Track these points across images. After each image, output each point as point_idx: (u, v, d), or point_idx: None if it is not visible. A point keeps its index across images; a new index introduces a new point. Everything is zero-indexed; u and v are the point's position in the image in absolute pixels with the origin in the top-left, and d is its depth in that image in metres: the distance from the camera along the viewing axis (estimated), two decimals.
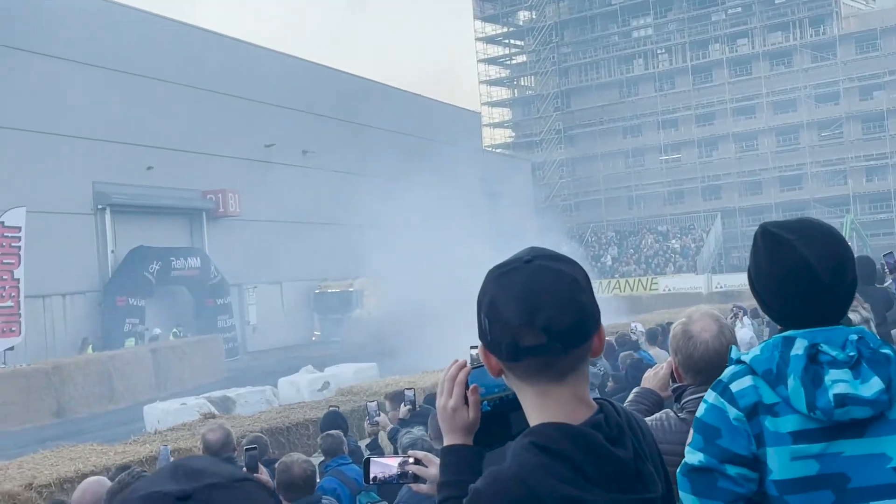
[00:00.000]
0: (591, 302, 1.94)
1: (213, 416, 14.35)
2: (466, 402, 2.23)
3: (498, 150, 79.06)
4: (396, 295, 45.41)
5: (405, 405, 9.32)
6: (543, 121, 77.39)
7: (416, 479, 2.65)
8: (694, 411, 2.57)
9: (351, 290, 46.74)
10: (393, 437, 8.36)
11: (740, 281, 42.81)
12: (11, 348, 29.24)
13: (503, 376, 2.03)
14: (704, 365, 3.39)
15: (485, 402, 2.25)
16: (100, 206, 37.93)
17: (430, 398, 8.38)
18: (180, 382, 30.47)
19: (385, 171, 51.33)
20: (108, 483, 4.87)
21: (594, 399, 2.00)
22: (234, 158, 43.85)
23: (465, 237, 46.64)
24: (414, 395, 9.59)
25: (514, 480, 1.85)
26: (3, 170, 31.66)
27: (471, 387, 2.24)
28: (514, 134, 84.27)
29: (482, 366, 2.14)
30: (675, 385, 3.52)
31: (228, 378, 30.70)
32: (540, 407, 1.95)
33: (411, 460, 2.70)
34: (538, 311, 1.87)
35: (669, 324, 20.50)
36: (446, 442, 2.24)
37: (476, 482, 1.91)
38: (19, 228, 29.69)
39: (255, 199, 44.51)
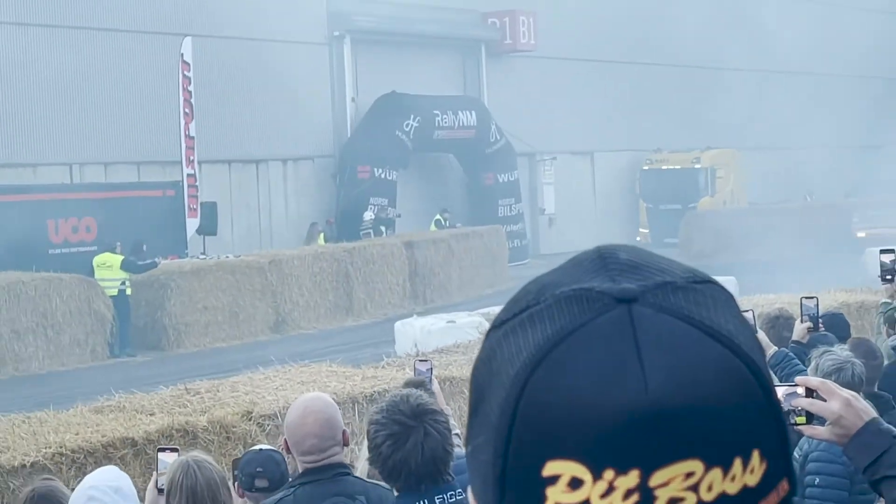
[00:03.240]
0: None
1: None
2: None
3: None
4: (766, 177, 44.89)
5: (803, 320, 9.37)
6: None
7: (810, 417, 2.72)
8: None
9: (697, 166, 46.51)
10: (782, 363, 8.22)
11: None
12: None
13: None
14: None
15: None
16: (336, 33, 39.58)
17: None
18: (445, 292, 31.77)
19: None
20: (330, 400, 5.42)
21: None
22: None
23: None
24: (816, 306, 9.56)
25: None
26: None
27: None
28: None
29: None
30: None
31: (513, 289, 31.46)
32: None
33: (800, 390, 2.75)
34: None
35: None
36: None
37: None
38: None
39: (558, 27, 44.86)
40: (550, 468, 0.92)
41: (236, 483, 6.08)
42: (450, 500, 4.25)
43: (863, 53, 50.52)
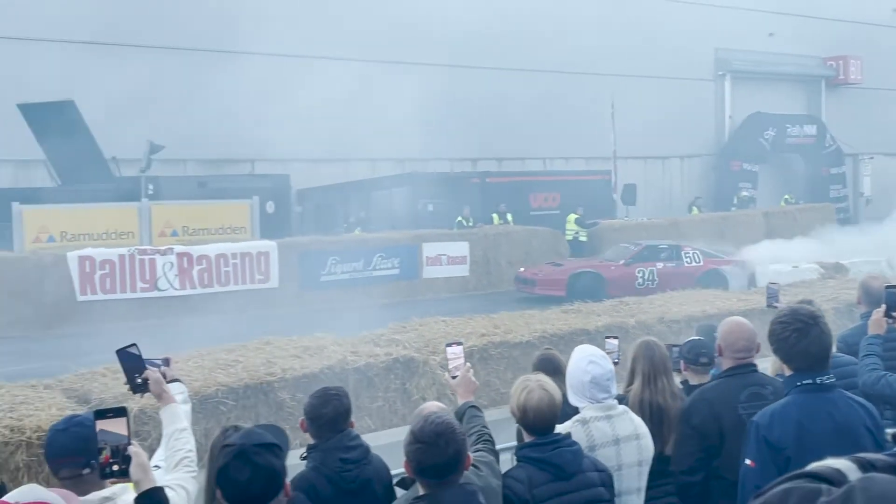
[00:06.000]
0: None
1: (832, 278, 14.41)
2: None
3: None
4: None
5: None
6: None
7: None
8: None
9: None
10: None
11: None
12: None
13: None
14: None
15: None
16: (720, 73, 38.69)
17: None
18: None
19: None
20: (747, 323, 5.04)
21: None
22: (857, 23, 41.24)
23: None
24: None
25: None
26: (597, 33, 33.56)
27: None
28: None
29: None
30: None
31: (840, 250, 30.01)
32: None
33: None
34: None
35: None
36: None
37: None
38: None
39: (880, 67, 41.86)
40: None
41: (682, 361, 5.85)
42: (825, 380, 3.97)
43: None
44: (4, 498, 3.12)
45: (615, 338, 6.20)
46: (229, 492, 2.98)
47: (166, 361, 4.20)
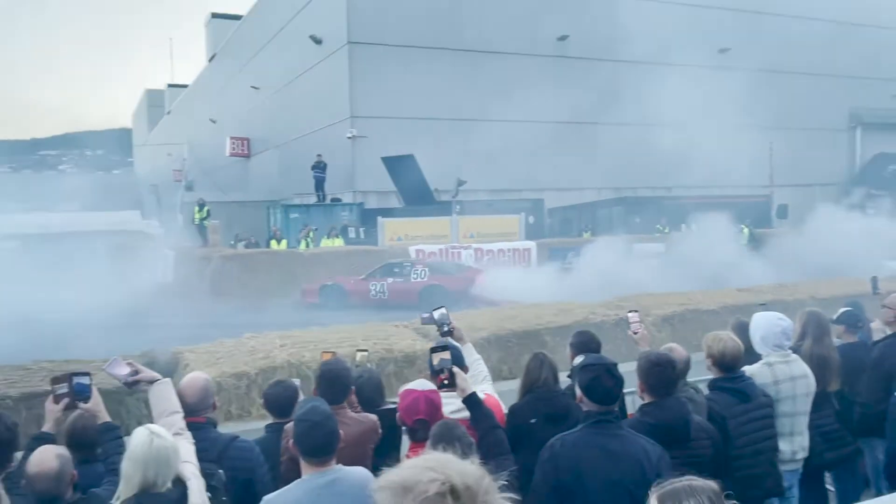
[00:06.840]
0: None
1: None
2: None
3: None
4: None
5: None
6: None
7: None
8: None
9: None
10: None
11: None
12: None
13: None
14: None
15: None
16: (853, 125, 34.80)
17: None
18: None
19: None
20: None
21: None
22: None
23: None
24: None
25: None
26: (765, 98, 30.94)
27: None
28: None
29: None
30: None
31: None
32: None
33: None
34: None
35: None
36: None
37: None
38: None
39: None
40: None
41: (843, 325, 5.24)
42: None
43: None
44: (408, 386, 3.36)
45: (764, 304, 6.13)
46: (598, 395, 3.03)
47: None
